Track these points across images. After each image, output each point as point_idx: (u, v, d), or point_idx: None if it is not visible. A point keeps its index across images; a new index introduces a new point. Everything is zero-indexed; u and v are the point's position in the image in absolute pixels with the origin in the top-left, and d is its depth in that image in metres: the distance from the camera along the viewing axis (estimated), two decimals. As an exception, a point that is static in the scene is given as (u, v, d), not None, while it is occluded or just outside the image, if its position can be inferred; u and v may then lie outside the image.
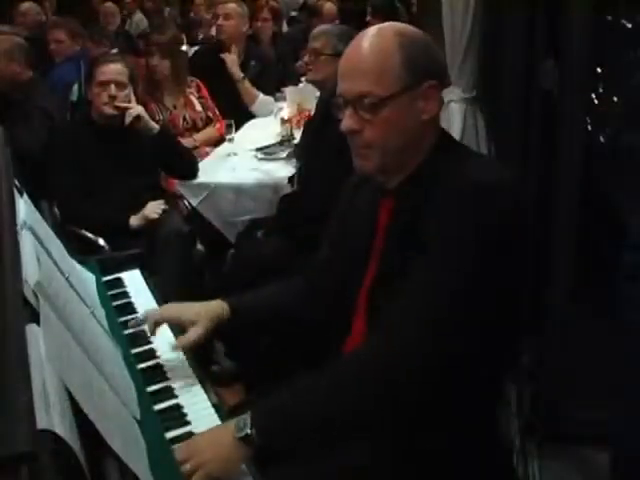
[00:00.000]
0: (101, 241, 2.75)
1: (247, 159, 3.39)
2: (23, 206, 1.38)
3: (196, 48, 5.30)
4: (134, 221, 2.85)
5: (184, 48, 4.74)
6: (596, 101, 2.24)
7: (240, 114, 4.01)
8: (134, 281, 1.82)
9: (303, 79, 3.93)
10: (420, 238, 1.22)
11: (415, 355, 1.18)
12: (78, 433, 0.89)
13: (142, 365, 1.46)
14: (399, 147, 1.29)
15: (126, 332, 1.57)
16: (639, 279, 1.70)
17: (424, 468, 1.26)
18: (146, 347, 1.53)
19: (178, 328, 1.52)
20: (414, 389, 1.18)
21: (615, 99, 2.33)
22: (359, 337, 1.38)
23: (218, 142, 3.74)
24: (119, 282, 1.81)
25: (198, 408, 1.33)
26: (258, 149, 3.45)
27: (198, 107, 3.85)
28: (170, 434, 1.26)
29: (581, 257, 2.11)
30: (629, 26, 2.23)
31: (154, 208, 2.89)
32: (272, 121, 3.92)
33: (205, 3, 7.40)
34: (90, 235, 2.77)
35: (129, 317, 1.64)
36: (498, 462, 1.37)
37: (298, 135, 3.40)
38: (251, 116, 4.23)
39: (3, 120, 2.34)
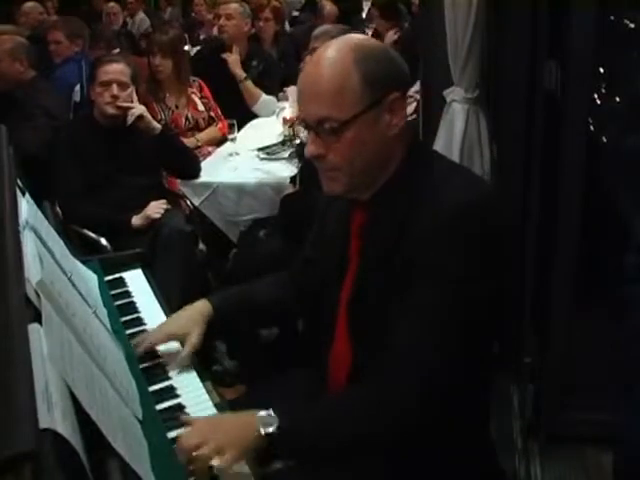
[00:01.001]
0: (103, 241, 2.76)
1: (249, 159, 3.39)
2: (25, 206, 1.39)
3: (198, 48, 5.30)
4: (136, 221, 2.86)
5: (186, 48, 4.74)
6: (599, 101, 2.24)
7: (242, 114, 4.01)
8: (136, 281, 1.82)
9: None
10: (399, 253, 1.21)
11: (411, 366, 1.18)
12: (80, 432, 0.90)
13: (144, 365, 1.46)
14: (367, 165, 1.24)
15: (128, 332, 1.58)
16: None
17: (422, 468, 1.27)
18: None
19: None
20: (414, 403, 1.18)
21: (618, 99, 2.33)
22: (343, 341, 1.37)
23: (220, 142, 3.74)
24: (121, 282, 1.81)
25: (200, 408, 1.34)
26: (260, 149, 3.45)
27: (200, 107, 3.85)
28: (172, 434, 1.25)
29: (584, 258, 2.11)
30: (632, 26, 2.23)
31: (156, 208, 2.89)
32: (274, 121, 3.92)
33: (207, 3, 7.41)
34: (92, 235, 2.78)
35: (131, 317, 1.65)
36: (493, 462, 1.38)
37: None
38: (253, 116, 4.23)
39: (5, 119, 2.33)
